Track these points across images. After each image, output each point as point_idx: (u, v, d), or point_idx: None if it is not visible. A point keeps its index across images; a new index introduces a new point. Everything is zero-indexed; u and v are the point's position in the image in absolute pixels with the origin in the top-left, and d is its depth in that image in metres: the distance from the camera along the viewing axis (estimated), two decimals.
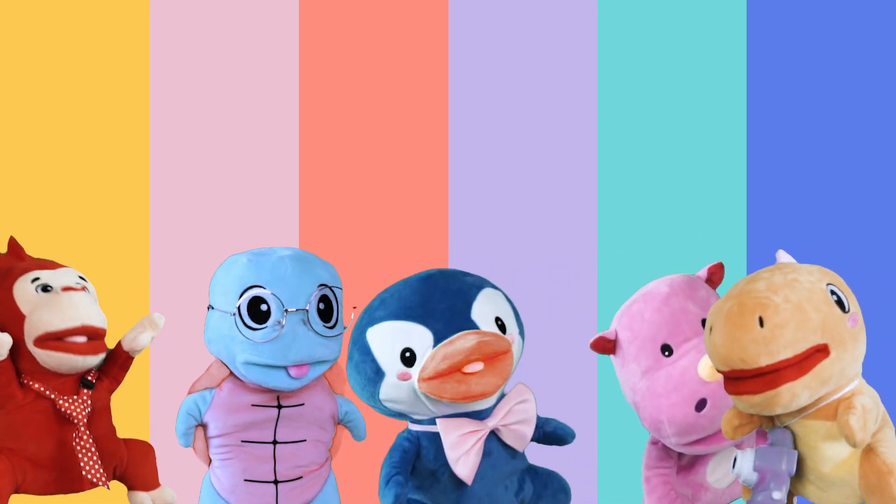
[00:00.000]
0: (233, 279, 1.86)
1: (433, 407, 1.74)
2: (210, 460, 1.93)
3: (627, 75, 2.59)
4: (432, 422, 1.78)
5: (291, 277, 1.85)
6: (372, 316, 1.76)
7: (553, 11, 2.59)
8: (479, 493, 1.77)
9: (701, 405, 1.85)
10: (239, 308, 1.83)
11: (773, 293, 1.67)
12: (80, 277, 2.04)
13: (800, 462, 1.73)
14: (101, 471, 1.98)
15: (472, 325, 1.71)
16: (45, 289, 1.98)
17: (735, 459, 1.74)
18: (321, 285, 1.86)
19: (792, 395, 1.66)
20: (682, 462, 1.98)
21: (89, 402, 1.99)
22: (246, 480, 1.89)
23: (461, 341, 1.68)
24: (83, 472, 1.97)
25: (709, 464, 1.97)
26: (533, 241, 2.54)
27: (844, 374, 1.69)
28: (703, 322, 1.92)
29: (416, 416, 1.79)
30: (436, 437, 1.77)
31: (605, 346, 1.97)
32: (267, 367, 1.85)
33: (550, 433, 1.85)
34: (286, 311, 1.82)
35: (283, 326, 1.82)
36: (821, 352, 1.67)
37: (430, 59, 2.60)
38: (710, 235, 2.55)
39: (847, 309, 1.69)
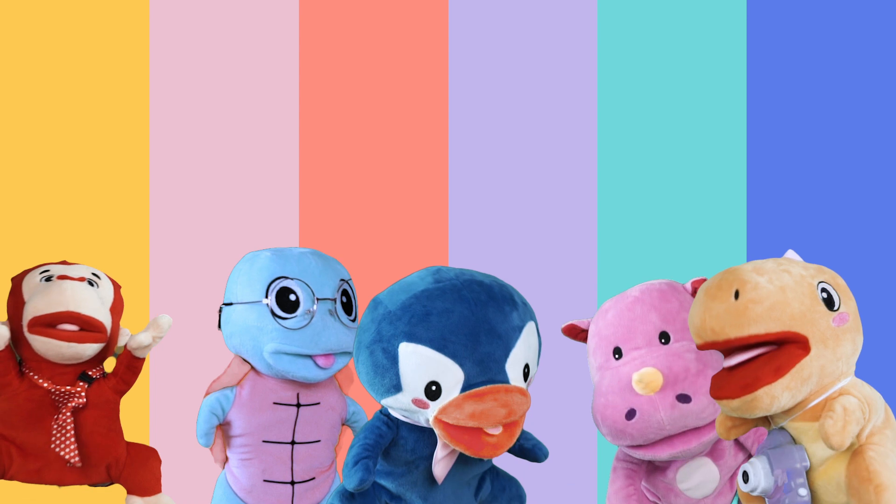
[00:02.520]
0: (258, 271, 1.90)
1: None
2: (225, 460, 1.94)
3: (627, 75, 2.59)
4: None
5: (317, 269, 1.90)
6: (412, 330, 1.67)
7: (553, 11, 2.60)
8: (447, 491, 1.77)
9: (630, 415, 1.89)
10: (271, 299, 1.87)
11: (757, 274, 1.67)
12: (94, 274, 2.05)
13: None
14: (74, 449, 1.98)
15: (503, 377, 1.67)
16: (49, 279, 2.00)
17: (746, 474, 1.73)
18: (342, 280, 1.92)
19: (771, 397, 1.65)
20: (653, 462, 1.99)
21: (83, 394, 2.00)
22: (265, 481, 1.91)
23: (492, 403, 1.65)
24: (53, 446, 1.98)
25: (679, 470, 1.98)
26: (533, 241, 2.54)
27: (826, 372, 1.67)
28: (662, 334, 1.95)
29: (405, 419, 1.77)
30: (417, 429, 1.74)
31: (576, 332, 2.03)
32: (296, 355, 1.87)
33: (528, 450, 1.83)
34: (317, 299, 1.87)
35: (313, 315, 1.86)
36: (799, 347, 1.66)
37: (430, 59, 2.60)
38: (710, 236, 2.55)
39: (836, 308, 1.69)
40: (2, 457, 1.97)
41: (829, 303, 1.67)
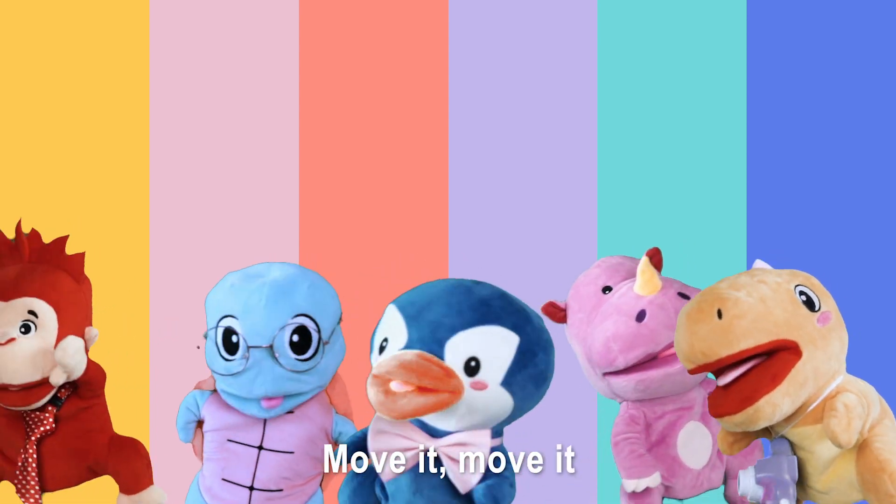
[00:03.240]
0: (214, 304, 1.87)
1: None
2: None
3: (627, 75, 2.59)
4: None
5: (261, 310, 1.82)
6: (398, 297, 1.76)
7: (553, 11, 2.59)
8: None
9: (641, 316, 1.94)
10: (216, 338, 1.84)
11: (734, 290, 1.69)
12: (30, 312, 1.95)
13: (801, 467, 1.73)
14: (36, 495, 1.97)
15: (439, 351, 1.66)
16: None
17: (739, 480, 1.75)
18: (298, 316, 1.83)
19: (772, 406, 1.66)
20: (652, 437, 2.02)
21: (51, 420, 1.98)
22: (223, 480, 1.89)
23: (399, 358, 1.65)
24: (17, 488, 1.97)
25: (679, 435, 2.01)
26: (533, 245, 2.54)
27: (820, 373, 1.69)
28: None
29: None
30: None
31: (555, 312, 2.07)
32: (237, 397, 1.86)
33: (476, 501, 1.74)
34: (249, 346, 1.81)
35: (247, 360, 1.82)
36: (791, 353, 1.66)
37: (430, 59, 2.60)
38: (710, 235, 2.55)
39: (817, 308, 1.69)
40: None
41: (809, 304, 1.69)
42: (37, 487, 1.98)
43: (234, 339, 1.83)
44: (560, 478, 1.87)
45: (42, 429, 1.97)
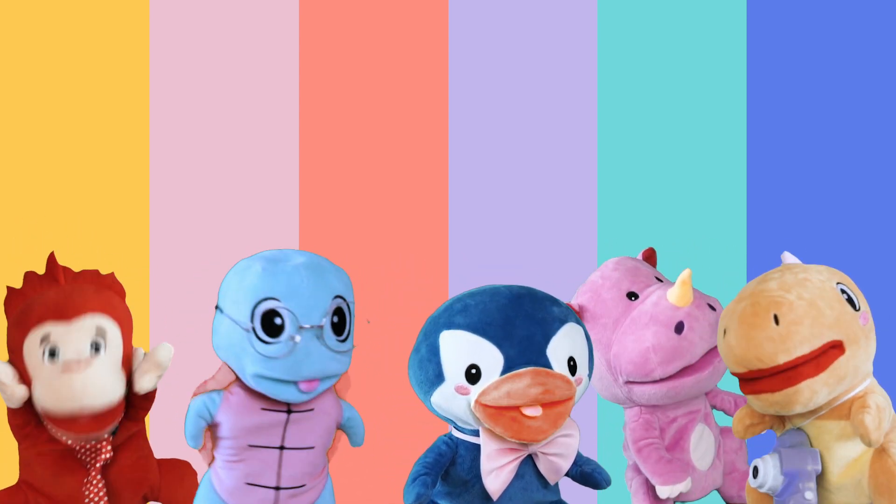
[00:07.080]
0: (246, 288, 1.81)
1: (480, 425, 1.74)
2: (212, 460, 1.92)
3: (627, 75, 2.59)
4: (475, 432, 1.77)
5: (307, 290, 1.79)
6: (451, 319, 1.74)
7: (553, 11, 2.60)
8: None
9: (679, 328, 1.94)
10: (253, 321, 1.79)
11: (785, 291, 1.68)
12: (99, 328, 1.88)
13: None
14: None
15: (544, 361, 1.70)
16: (52, 354, 1.85)
17: (756, 469, 1.73)
18: (336, 297, 1.81)
19: (812, 392, 1.67)
20: (665, 442, 2.02)
21: (109, 448, 1.92)
22: (248, 484, 1.87)
23: (528, 381, 1.68)
24: None
25: (691, 438, 2.02)
26: (533, 242, 2.55)
27: (858, 371, 1.70)
28: (657, 278, 2.05)
29: (460, 425, 1.79)
30: (475, 447, 1.76)
31: None
32: (277, 381, 1.81)
33: (588, 474, 1.83)
34: (301, 327, 1.78)
35: (296, 342, 1.79)
36: (836, 348, 1.67)
37: (430, 59, 2.60)
38: (710, 235, 2.55)
39: (858, 307, 1.70)
40: None
41: (851, 303, 1.69)
42: None
43: (278, 321, 1.78)
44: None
45: (103, 457, 1.91)
